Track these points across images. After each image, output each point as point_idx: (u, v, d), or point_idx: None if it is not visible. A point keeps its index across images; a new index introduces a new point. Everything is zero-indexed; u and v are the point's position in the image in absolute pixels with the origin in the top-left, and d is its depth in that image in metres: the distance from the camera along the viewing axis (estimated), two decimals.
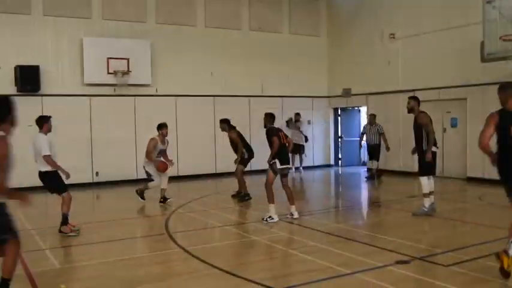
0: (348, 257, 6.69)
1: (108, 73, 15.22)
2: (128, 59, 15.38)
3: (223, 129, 12.75)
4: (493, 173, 13.01)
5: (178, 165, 16.16)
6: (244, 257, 7.13)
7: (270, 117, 10.00)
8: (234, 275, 6.04)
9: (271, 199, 9.27)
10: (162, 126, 11.68)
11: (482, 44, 12.03)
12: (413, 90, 15.36)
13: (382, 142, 15.10)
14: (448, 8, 14.80)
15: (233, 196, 12.36)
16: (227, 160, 17.33)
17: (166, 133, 11.75)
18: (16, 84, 14.29)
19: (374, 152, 15.39)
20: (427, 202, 9.44)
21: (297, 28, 18.99)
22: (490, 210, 10.41)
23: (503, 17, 11.65)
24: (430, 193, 9.56)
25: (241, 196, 12.00)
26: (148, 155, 11.42)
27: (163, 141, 11.69)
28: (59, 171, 8.77)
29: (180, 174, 16.21)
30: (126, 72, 15.31)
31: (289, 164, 9.88)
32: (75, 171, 14.55)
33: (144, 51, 15.82)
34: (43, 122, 8.71)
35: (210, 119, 16.87)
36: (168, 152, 12.01)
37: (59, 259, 7.11)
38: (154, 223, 9.75)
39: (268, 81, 18.18)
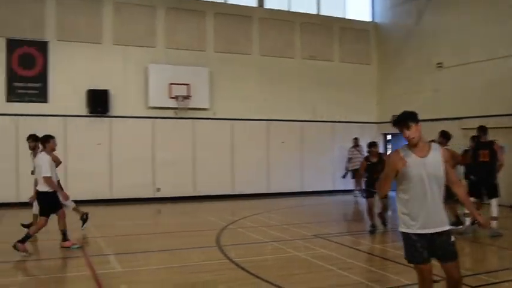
0: (382, 275, 7.21)
1: (170, 97, 16.37)
2: (188, 85, 16.49)
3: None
4: None
5: (235, 184, 17.22)
6: (285, 270, 7.67)
7: None
8: (274, 285, 6.65)
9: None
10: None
11: None
12: (459, 118, 15.66)
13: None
14: (494, 39, 15.05)
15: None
16: (280, 181, 18.22)
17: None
18: (88, 107, 15.70)
19: None
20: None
21: (347, 56, 19.59)
22: None
23: None
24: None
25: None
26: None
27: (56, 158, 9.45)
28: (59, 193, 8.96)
29: (236, 193, 17.18)
30: (187, 97, 16.42)
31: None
32: (138, 187, 15.95)
33: (203, 78, 16.91)
34: (45, 142, 8.85)
35: (263, 142, 17.78)
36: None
37: (121, 263, 7.98)
38: (207, 236, 10.59)
39: (319, 107, 18.85)
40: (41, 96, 15.41)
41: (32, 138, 10.17)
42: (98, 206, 14.69)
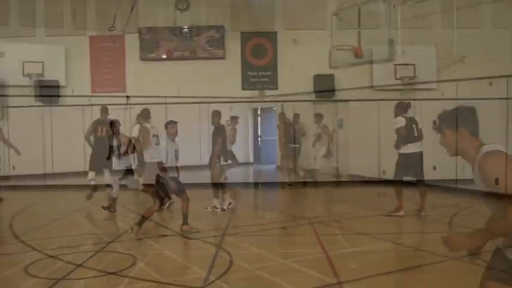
0: None
1: (396, 78, 16.15)
2: (413, 65, 16.08)
3: None
4: None
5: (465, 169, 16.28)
6: None
7: None
8: None
9: None
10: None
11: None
12: None
13: None
14: None
15: None
16: None
17: None
18: (315, 91, 16.37)
19: None
20: None
21: None
22: None
23: None
24: None
25: None
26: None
27: None
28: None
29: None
30: (412, 77, 16.02)
31: None
32: (363, 170, 16.08)
33: (429, 57, 16.26)
34: (167, 127, 9.31)
35: (496, 122, 16.44)
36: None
37: (350, 244, 8.22)
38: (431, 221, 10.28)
39: None
40: (272, 83, 16.54)
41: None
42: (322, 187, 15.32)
